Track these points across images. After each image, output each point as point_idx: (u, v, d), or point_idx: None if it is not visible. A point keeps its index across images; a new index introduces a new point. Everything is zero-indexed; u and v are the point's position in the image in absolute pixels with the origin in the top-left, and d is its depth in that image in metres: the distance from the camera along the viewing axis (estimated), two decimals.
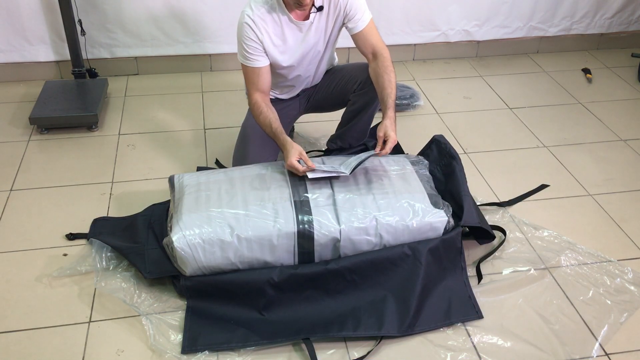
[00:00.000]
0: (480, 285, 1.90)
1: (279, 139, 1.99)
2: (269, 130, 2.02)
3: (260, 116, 2.04)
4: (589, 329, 1.77)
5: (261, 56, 2.02)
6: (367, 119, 2.24)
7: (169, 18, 3.02)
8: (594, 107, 2.99)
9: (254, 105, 2.06)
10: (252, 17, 1.97)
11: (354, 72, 2.19)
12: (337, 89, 2.25)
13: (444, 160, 2.13)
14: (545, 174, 2.47)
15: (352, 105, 2.22)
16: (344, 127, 2.30)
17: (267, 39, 2.00)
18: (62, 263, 1.95)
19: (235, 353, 1.66)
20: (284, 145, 1.96)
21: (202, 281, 1.78)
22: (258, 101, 2.05)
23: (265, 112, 2.03)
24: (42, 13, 2.89)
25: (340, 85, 2.24)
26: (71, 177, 2.38)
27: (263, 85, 2.06)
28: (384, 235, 1.83)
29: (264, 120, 2.03)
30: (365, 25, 2.07)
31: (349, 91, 2.19)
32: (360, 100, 2.17)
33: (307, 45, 2.08)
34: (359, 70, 2.17)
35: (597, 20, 3.51)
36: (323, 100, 2.32)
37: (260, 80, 2.05)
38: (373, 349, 1.67)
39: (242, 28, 1.99)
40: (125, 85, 3.10)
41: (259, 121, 2.05)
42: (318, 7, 2.01)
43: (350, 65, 2.26)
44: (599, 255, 2.04)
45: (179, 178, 2.00)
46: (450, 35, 3.38)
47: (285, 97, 2.29)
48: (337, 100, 2.28)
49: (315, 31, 2.07)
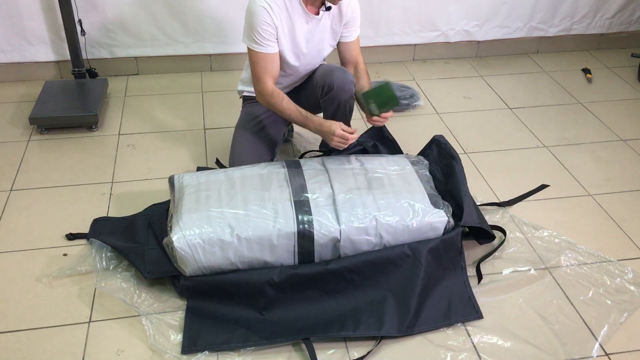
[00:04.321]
0: (480, 285, 1.90)
1: (313, 120, 2.01)
2: (297, 114, 2.03)
3: (283, 102, 2.03)
4: (589, 329, 1.77)
5: (274, 42, 2.01)
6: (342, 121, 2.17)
7: (169, 18, 3.02)
8: (594, 107, 2.99)
9: (272, 93, 2.03)
10: (268, 1, 1.97)
11: (318, 77, 2.17)
12: (309, 94, 2.25)
13: (444, 160, 2.13)
14: (545, 174, 2.47)
15: (325, 110, 2.20)
16: None
17: (280, 25, 2.01)
18: (62, 263, 1.95)
19: (235, 353, 1.66)
20: (322, 125, 1.99)
21: (202, 281, 1.78)
22: (275, 88, 2.04)
23: (286, 98, 2.03)
24: (42, 13, 2.89)
25: (310, 91, 2.23)
26: (71, 177, 2.38)
27: (275, 71, 2.06)
28: (384, 235, 1.83)
29: (289, 105, 2.03)
30: (357, 37, 2.20)
31: (317, 96, 2.19)
32: (329, 106, 2.16)
33: (313, 40, 2.11)
34: (323, 75, 2.15)
35: (597, 21, 3.51)
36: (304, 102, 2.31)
37: (274, 66, 2.05)
38: (373, 349, 1.67)
39: (258, 12, 1.96)
40: (125, 85, 3.10)
41: (283, 107, 2.03)
42: (327, 6, 2.04)
43: (319, 69, 2.23)
44: (599, 255, 2.04)
45: (179, 178, 2.00)
46: (451, 35, 3.38)
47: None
48: (312, 105, 2.25)
49: (323, 29, 2.10)
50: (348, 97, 2.11)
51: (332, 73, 2.10)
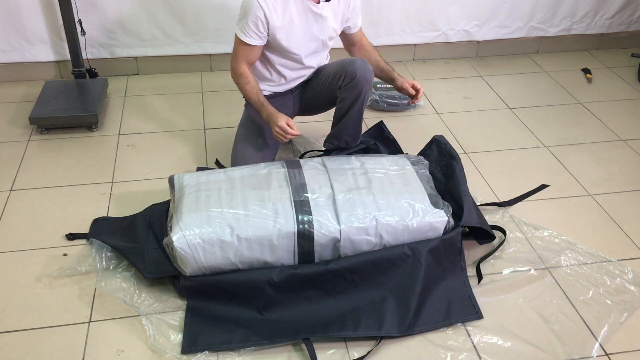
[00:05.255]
0: (480, 285, 1.90)
1: (267, 108, 2.11)
2: (256, 99, 2.14)
3: (247, 85, 2.14)
4: (589, 329, 1.77)
5: (260, 35, 2.08)
6: (357, 114, 2.21)
7: (169, 18, 3.02)
8: (594, 107, 2.99)
9: (241, 75, 2.14)
10: None
11: (338, 67, 2.20)
12: (324, 87, 2.26)
13: (444, 160, 2.13)
14: (545, 174, 2.47)
15: (341, 102, 2.20)
16: (337, 125, 2.29)
17: (274, 17, 2.04)
18: (62, 263, 1.95)
19: (235, 353, 1.66)
20: (271, 114, 2.09)
21: (202, 281, 1.78)
22: (246, 71, 2.15)
23: (252, 82, 2.15)
24: (42, 13, 2.89)
25: (327, 82, 2.24)
26: (71, 177, 2.38)
27: (252, 59, 2.15)
28: (384, 235, 1.83)
29: (251, 89, 2.14)
30: (359, 28, 2.31)
31: (335, 87, 2.19)
32: (348, 95, 2.16)
33: (312, 30, 2.14)
34: (343, 65, 2.18)
35: (597, 21, 3.51)
36: (314, 98, 2.32)
37: (252, 55, 2.14)
38: (373, 349, 1.67)
39: (252, 5, 2.01)
40: (125, 85, 3.10)
41: (246, 89, 2.15)
42: None
43: (333, 63, 2.27)
44: (599, 255, 2.04)
45: (179, 178, 2.00)
46: (450, 35, 3.38)
47: (280, 90, 2.31)
48: (326, 98, 2.27)
49: (322, 19, 2.12)
50: (368, 88, 2.15)
51: (354, 63, 2.14)
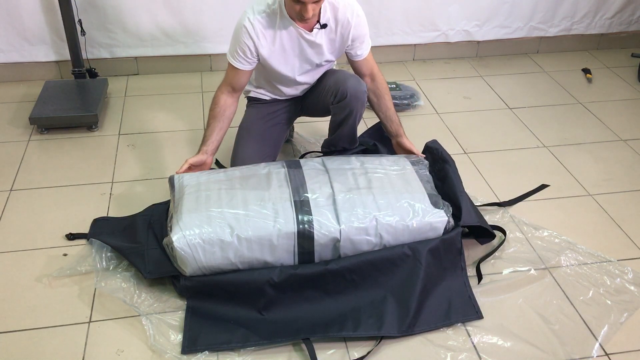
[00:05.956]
0: (480, 285, 1.90)
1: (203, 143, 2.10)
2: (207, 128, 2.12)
3: (215, 108, 2.11)
4: (589, 329, 1.77)
5: (249, 61, 2.06)
6: (351, 128, 2.21)
7: (169, 18, 3.02)
8: (594, 107, 2.99)
9: (217, 96, 2.13)
10: (252, 21, 1.98)
11: (332, 83, 2.16)
12: (319, 98, 2.25)
13: (438, 165, 2.13)
14: (545, 174, 2.47)
15: (334, 116, 2.21)
16: (332, 134, 2.30)
17: (264, 46, 2.02)
18: (62, 263, 1.95)
19: (235, 353, 1.66)
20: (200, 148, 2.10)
21: (202, 281, 1.78)
22: (223, 96, 2.12)
23: (220, 108, 2.11)
24: (42, 13, 2.89)
25: (322, 95, 2.22)
26: (71, 177, 2.38)
27: (237, 84, 2.13)
28: (384, 235, 1.83)
29: (213, 114, 2.11)
30: (367, 54, 2.18)
31: (328, 102, 2.19)
32: (340, 113, 2.16)
33: (306, 54, 2.10)
34: (336, 82, 2.14)
35: (597, 21, 3.51)
36: (312, 105, 2.32)
37: (236, 79, 2.12)
38: (373, 349, 1.67)
39: (240, 30, 2.01)
40: (125, 85, 3.10)
41: (210, 110, 2.13)
42: (322, 24, 2.02)
43: (332, 75, 2.21)
44: (599, 255, 2.04)
45: (179, 178, 2.00)
46: (451, 35, 3.38)
47: (280, 98, 2.31)
48: (323, 108, 2.26)
49: (317, 46, 2.08)
50: (360, 106, 2.12)
51: (346, 81, 2.10)
